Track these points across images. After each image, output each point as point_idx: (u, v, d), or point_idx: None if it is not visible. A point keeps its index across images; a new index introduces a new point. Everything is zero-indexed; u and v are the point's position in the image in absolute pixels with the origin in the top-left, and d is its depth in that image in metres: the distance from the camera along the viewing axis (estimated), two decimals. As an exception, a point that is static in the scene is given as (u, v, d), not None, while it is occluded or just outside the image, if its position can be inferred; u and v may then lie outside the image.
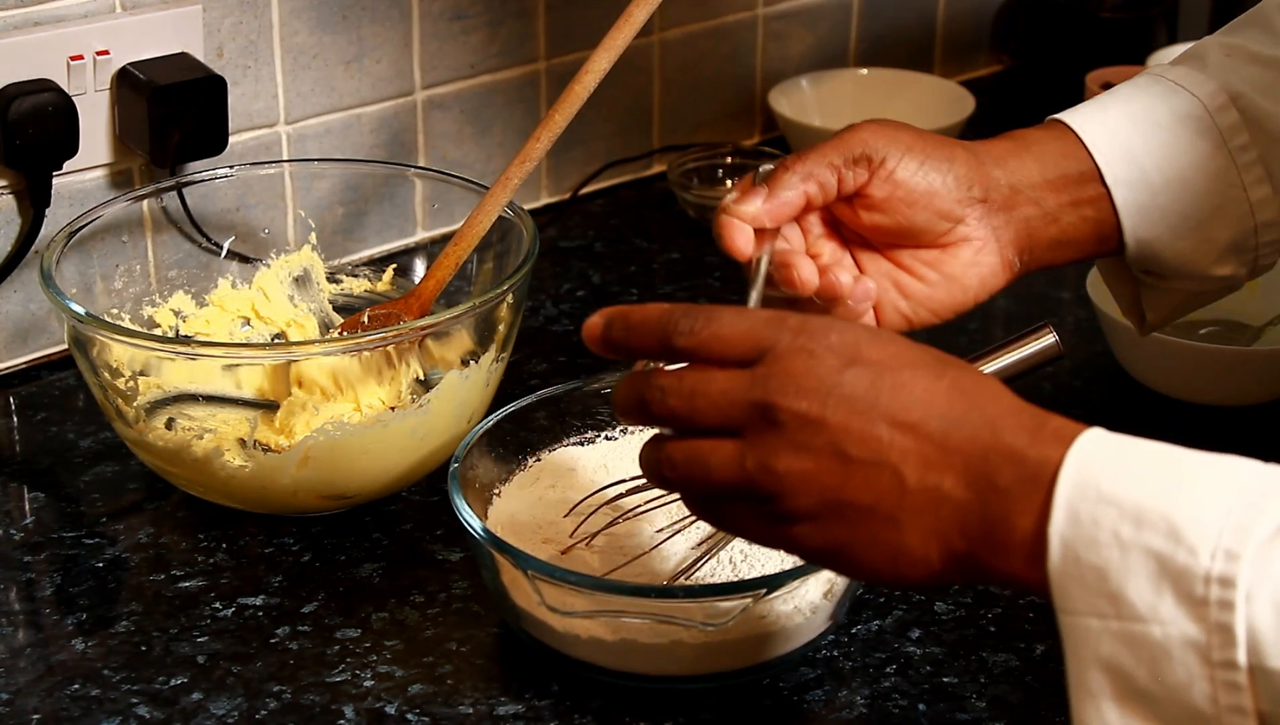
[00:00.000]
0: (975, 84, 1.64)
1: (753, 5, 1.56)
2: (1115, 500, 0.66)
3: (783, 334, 0.73)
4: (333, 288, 1.22)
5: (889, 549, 0.72)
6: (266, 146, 1.30)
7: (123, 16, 1.18)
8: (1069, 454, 0.68)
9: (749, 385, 0.73)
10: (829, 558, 0.74)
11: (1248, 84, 0.96)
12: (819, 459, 0.71)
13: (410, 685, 0.92)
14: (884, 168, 0.91)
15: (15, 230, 1.19)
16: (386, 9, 1.33)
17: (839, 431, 0.71)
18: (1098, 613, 0.66)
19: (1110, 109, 0.96)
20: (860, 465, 0.71)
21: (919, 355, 0.73)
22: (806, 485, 0.72)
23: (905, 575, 0.72)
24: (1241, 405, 1.17)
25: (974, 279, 0.94)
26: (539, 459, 1.04)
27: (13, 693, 0.91)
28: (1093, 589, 0.66)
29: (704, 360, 0.75)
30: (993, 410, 0.71)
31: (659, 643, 0.89)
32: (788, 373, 0.72)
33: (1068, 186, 0.95)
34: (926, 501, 0.71)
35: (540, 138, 1.05)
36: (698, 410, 0.74)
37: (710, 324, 0.75)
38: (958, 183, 0.92)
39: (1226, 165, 0.95)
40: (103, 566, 1.02)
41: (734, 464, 0.73)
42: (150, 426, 1.04)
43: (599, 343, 0.79)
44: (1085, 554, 0.66)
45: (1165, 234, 0.95)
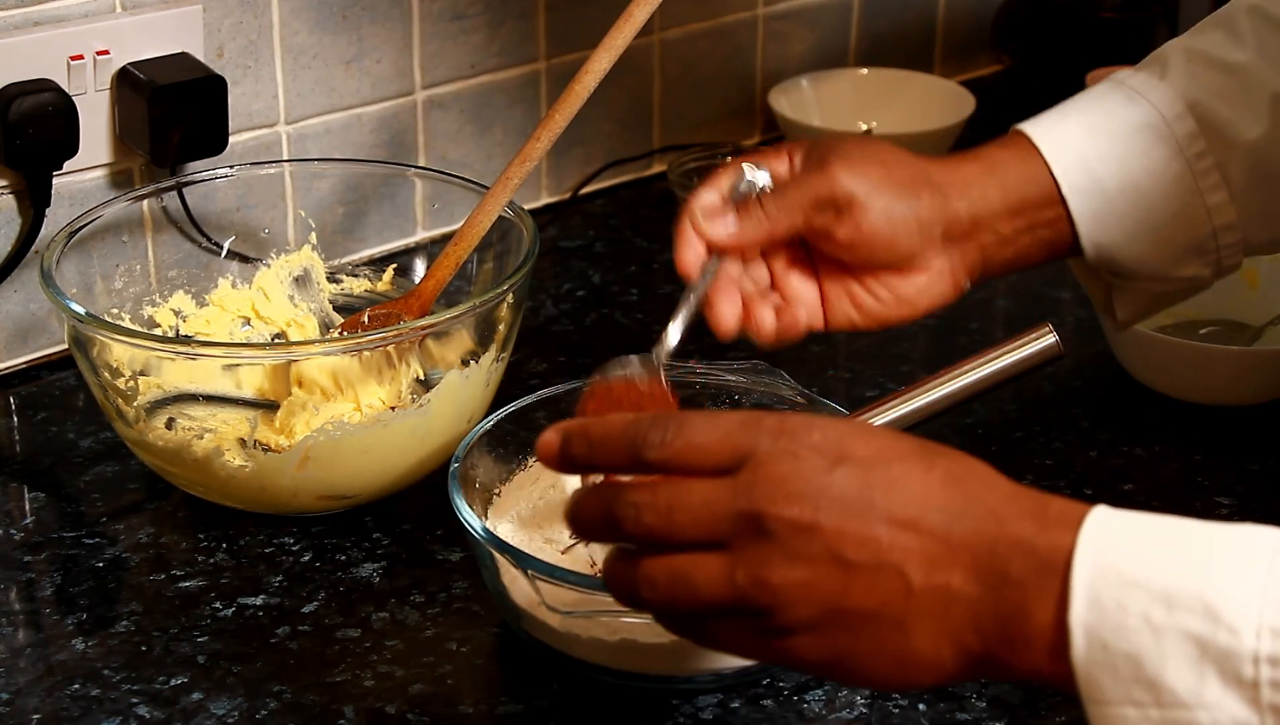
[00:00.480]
0: (975, 84, 1.64)
1: (753, 5, 1.56)
2: (1140, 582, 0.64)
3: (762, 438, 0.70)
4: (333, 288, 1.22)
5: (896, 654, 0.69)
6: (266, 146, 1.30)
7: (123, 16, 1.18)
8: (1080, 537, 0.66)
9: (732, 494, 0.69)
10: (830, 668, 0.70)
11: (1206, 90, 0.98)
12: (815, 567, 0.68)
13: (410, 685, 0.92)
14: (850, 216, 0.93)
15: (15, 230, 1.19)
16: (386, 9, 1.33)
17: (835, 536, 0.68)
18: (1134, 702, 0.64)
19: (1069, 118, 0.99)
20: (861, 569, 0.68)
21: (905, 446, 0.70)
22: (804, 595, 0.68)
23: (915, 679, 0.69)
24: (1241, 405, 1.17)
25: (924, 301, 0.97)
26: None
27: (13, 693, 0.91)
28: (1126, 677, 0.64)
29: (679, 471, 0.71)
30: (991, 498, 0.69)
31: (659, 643, 0.89)
32: (773, 478, 0.68)
33: (1026, 211, 0.97)
34: (935, 602, 0.68)
35: (540, 138, 1.05)
36: (677, 525, 0.69)
37: (682, 433, 0.70)
38: (920, 227, 0.94)
39: (1182, 172, 0.97)
40: (103, 566, 1.02)
41: (723, 580, 0.69)
42: (150, 426, 1.04)
43: (556, 460, 0.74)
44: (1114, 641, 0.64)
45: (1121, 239, 0.98)
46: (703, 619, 0.72)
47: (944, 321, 1.28)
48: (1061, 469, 1.11)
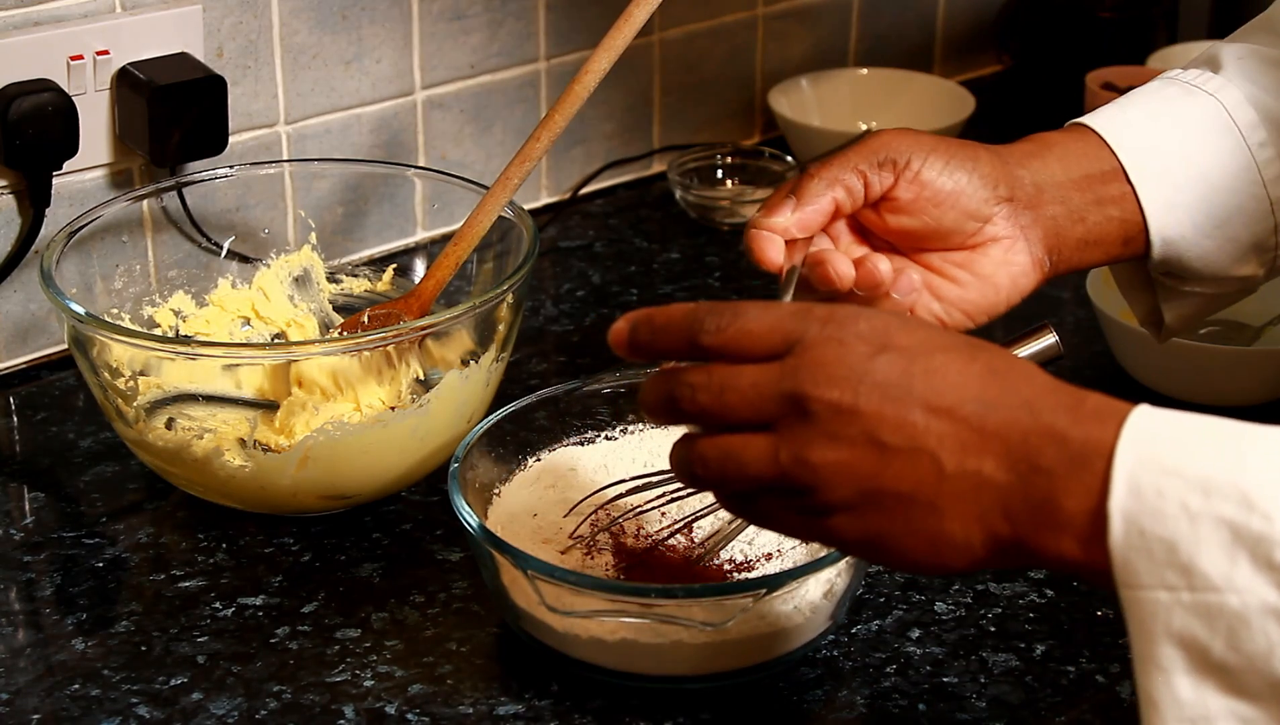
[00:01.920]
0: (975, 84, 1.64)
1: (753, 5, 1.56)
2: (1179, 472, 0.65)
3: (810, 324, 0.72)
4: (333, 288, 1.22)
5: (929, 537, 0.71)
6: (266, 146, 1.30)
7: (123, 16, 1.18)
8: (1124, 430, 0.67)
9: (779, 377, 0.72)
10: (868, 548, 0.73)
11: (1262, 85, 0.96)
12: (854, 448, 0.70)
13: (410, 685, 0.92)
14: (909, 170, 0.91)
15: (15, 230, 1.19)
16: (386, 9, 1.33)
17: (873, 419, 0.70)
18: (1167, 585, 0.65)
19: (1129, 109, 0.97)
20: (896, 453, 0.70)
21: (950, 340, 0.73)
22: (842, 476, 0.71)
23: (947, 562, 0.71)
24: (1241, 405, 1.17)
25: (1005, 278, 0.94)
26: (539, 459, 1.04)
27: (13, 693, 0.91)
28: (1161, 562, 0.65)
29: (732, 357, 0.74)
30: (1028, 391, 0.70)
31: (659, 643, 0.89)
32: (818, 362, 0.71)
33: (1092, 185, 0.94)
34: (967, 487, 0.70)
35: (540, 138, 1.05)
36: (728, 405, 0.73)
37: (737, 320, 0.74)
38: (983, 181, 0.92)
39: (1247, 163, 0.95)
40: (103, 566, 1.02)
41: (768, 458, 0.72)
42: (150, 426, 1.04)
43: (625, 346, 0.78)
44: (1151, 527, 0.65)
45: (1190, 232, 0.95)
46: (753, 496, 0.75)
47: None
48: (1061, 469, 1.11)
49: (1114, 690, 0.92)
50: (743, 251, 0.86)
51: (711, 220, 1.46)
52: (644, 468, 1.03)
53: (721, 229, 1.45)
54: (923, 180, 0.91)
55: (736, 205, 1.46)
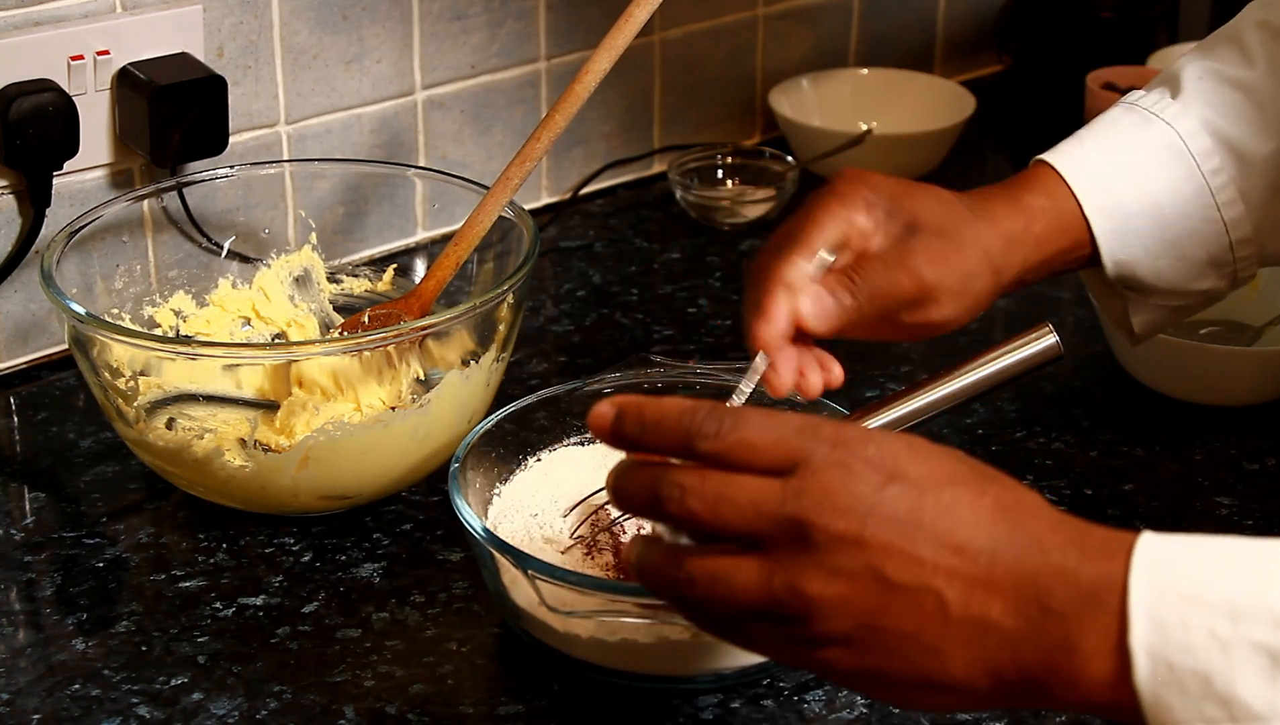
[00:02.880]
0: (975, 84, 1.64)
1: (753, 5, 1.56)
2: (1201, 598, 0.63)
3: (818, 446, 0.69)
4: (333, 288, 1.22)
5: (929, 678, 0.68)
6: (267, 146, 1.30)
7: (123, 16, 1.18)
8: (1134, 561, 0.65)
9: (780, 499, 0.68)
10: (863, 683, 0.70)
11: (1219, 108, 0.99)
12: (855, 583, 0.67)
13: (411, 685, 0.92)
14: (923, 308, 0.93)
15: (16, 230, 1.19)
16: (386, 9, 1.33)
17: (880, 553, 0.67)
18: (1206, 719, 0.63)
19: (1088, 143, 1.01)
20: (901, 590, 0.67)
21: (959, 469, 0.70)
22: (841, 609, 0.67)
23: (947, 703, 0.69)
24: (1241, 405, 1.17)
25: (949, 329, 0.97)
26: (539, 459, 1.04)
27: (13, 693, 0.91)
28: (1196, 695, 0.63)
29: (729, 466, 0.70)
30: (1036, 528, 0.68)
31: (659, 643, 0.89)
32: (824, 488, 0.68)
33: (1058, 258, 0.99)
34: (972, 631, 0.67)
35: (540, 138, 1.05)
36: (721, 517, 0.69)
37: (738, 429, 0.70)
38: (976, 305, 0.95)
39: (1200, 188, 0.99)
40: (103, 566, 1.02)
41: (760, 584, 0.69)
42: (150, 426, 1.04)
43: (608, 434, 0.73)
44: (1180, 660, 0.63)
45: (1141, 255, 1.00)
46: (739, 621, 0.71)
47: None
48: (1061, 469, 1.11)
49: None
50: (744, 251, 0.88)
51: (712, 220, 1.46)
52: (644, 468, 1.02)
53: (722, 229, 1.45)
54: (930, 317, 0.94)
55: (737, 205, 1.46)
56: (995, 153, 1.63)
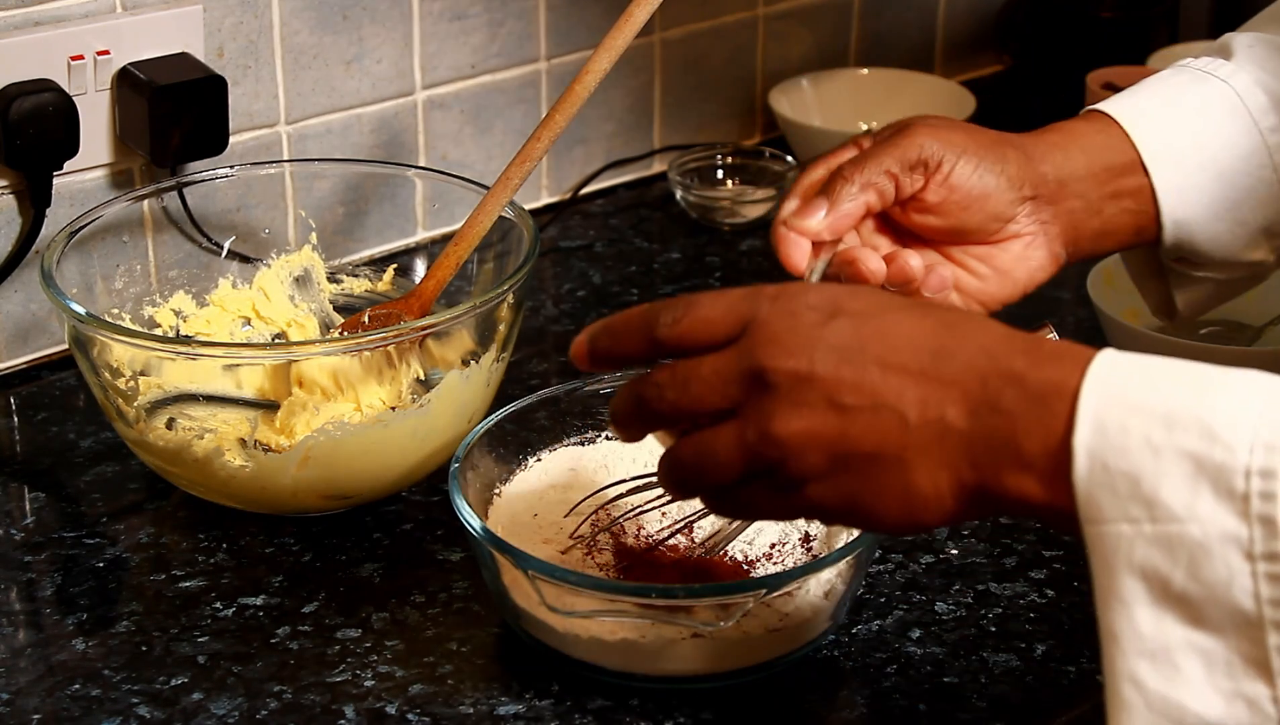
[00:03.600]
0: (975, 84, 1.64)
1: (753, 5, 1.56)
2: (1143, 408, 0.65)
3: (760, 302, 0.73)
4: (333, 288, 1.22)
5: (900, 492, 0.71)
6: (267, 146, 1.30)
7: (123, 16, 1.18)
8: (1090, 369, 0.67)
9: (736, 358, 0.73)
10: (845, 513, 0.73)
11: (1272, 71, 0.98)
12: (815, 414, 0.71)
13: (411, 685, 0.92)
14: (940, 172, 0.92)
15: (16, 230, 1.19)
16: (386, 9, 1.33)
17: (830, 383, 0.71)
18: (1130, 518, 0.65)
19: (1143, 96, 0.99)
20: (858, 412, 0.70)
21: (900, 301, 0.74)
22: (808, 443, 0.71)
23: (920, 518, 0.71)
24: (1242, 405, 1.17)
25: (1023, 272, 0.96)
26: (539, 459, 1.04)
27: (13, 693, 0.91)
28: (1124, 495, 0.65)
29: (691, 348, 0.74)
30: (984, 338, 0.71)
31: (659, 643, 0.89)
32: (771, 336, 0.72)
33: (1111, 178, 0.96)
34: (930, 437, 0.70)
35: (540, 138, 1.05)
36: (694, 395, 0.74)
37: (691, 310, 0.75)
38: (1010, 184, 0.93)
39: (1258, 146, 0.97)
40: (103, 566, 1.02)
41: (737, 442, 0.73)
42: (151, 426, 1.04)
43: (585, 358, 0.78)
44: (1114, 462, 0.65)
45: (1202, 214, 0.97)
46: (733, 488, 0.74)
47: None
48: (1061, 469, 1.11)
49: (1114, 690, 0.92)
50: (744, 251, 0.87)
51: (712, 220, 1.46)
52: (644, 468, 1.02)
53: (722, 229, 1.45)
54: (952, 184, 0.92)
55: (737, 205, 1.46)
56: (995, 153, 1.63)
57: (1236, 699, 0.64)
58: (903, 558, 1.02)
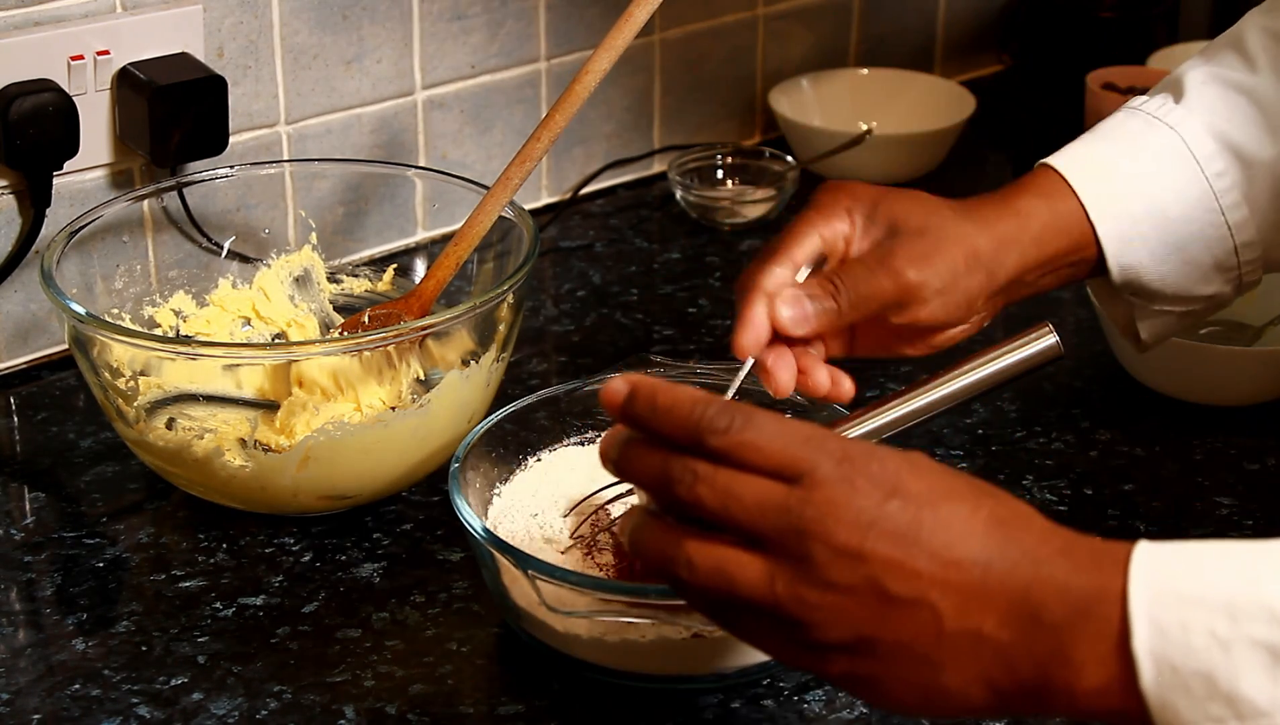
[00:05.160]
0: (975, 84, 1.64)
1: (753, 5, 1.56)
2: (1200, 600, 0.64)
3: (823, 459, 0.70)
4: (333, 288, 1.22)
5: (924, 687, 0.69)
6: (267, 146, 1.30)
7: (123, 16, 1.18)
8: (1133, 569, 0.66)
9: (786, 507, 0.70)
10: (859, 688, 0.71)
11: (1223, 113, 1.00)
12: (854, 595, 0.69)
13: (411, 685, 0.92)
14: (911, 308, 0.94)
15: (16, 230, 1.19)
16: (386, 9, 1.33)
17: (879, 566, 0.68)
18: (1213, 718, 0.63)
19: (1091, 146, 1.01)
20: (898, 603, 0.68)
21: (956, 485, 0.71)
22: (840, 619, 0.69)
23: (942, 711, 0.70)
24: (1241, 405, 1.17)
25: (949, 343, 0.98)
26: (539, 459, 1.04)
27: (13, 693, 0.91)
28: (1201, 696, 0.63)
29: (734, 464, 0.71)
30: (1028, 540, 0.69)
31: (659, 642, 0.89)
32: (829, 502, 0.69)
33: (1057, 260, 0.99)
34: (966, 645, 0.68)
35: (540, 138, 1.05)
36: (729, 510, 0.70)
37: (748, 429, 0.71)
38: (969, 305, 0.96)
39: (1204, 192, 0.99)
40: (103, 566, 1.02)
41: (763, 585, 0.70)
42: (151, 426, 1.04)
43: (619, 412, 0.74)
44: (1183, 662, 0.64)
45: (1147, 260, 1.00)
46: (736, 611, 0.72)
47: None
48: (1061, 469, 1.11)
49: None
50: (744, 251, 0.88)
51: (712, 220, 1.46)
52: (644, 468, 1.02)
53: (722, 229, 1.45)
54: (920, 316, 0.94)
55: (737, 205, 1.46)
56: (995, 153, 1.63)
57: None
58: (903, 558, 1.02)
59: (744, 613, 0.72)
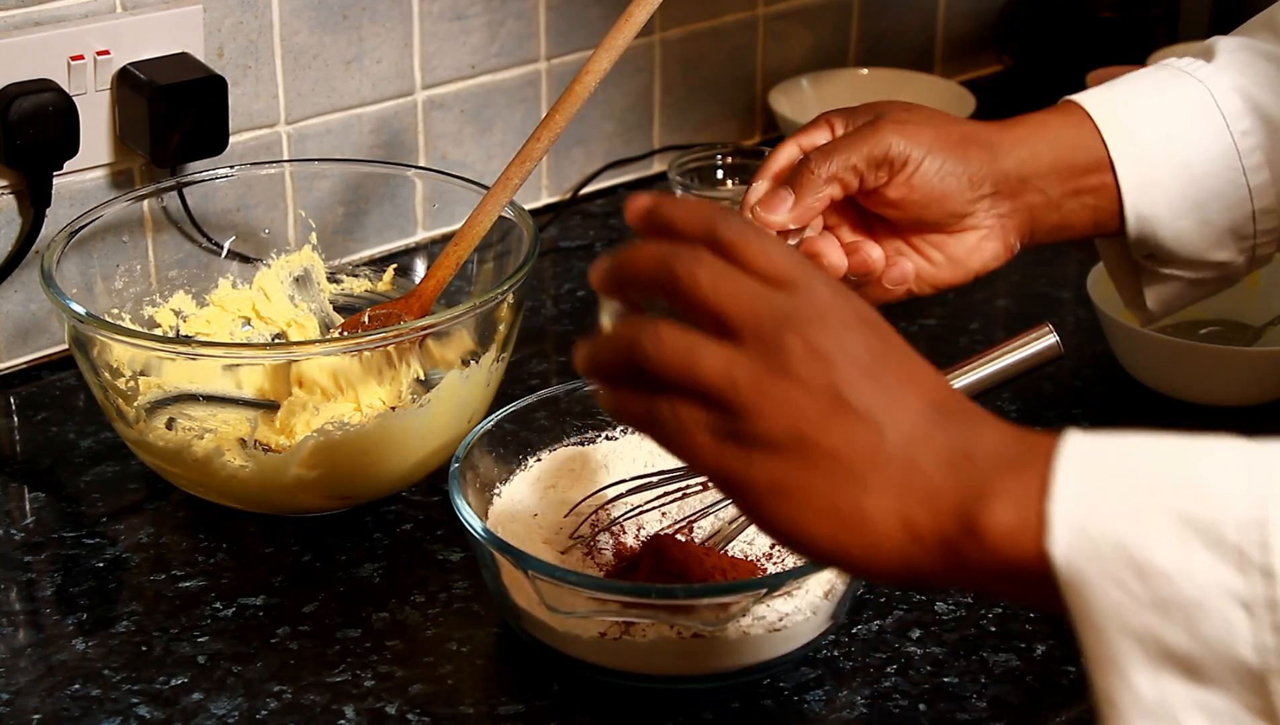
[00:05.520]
0: (976, 84, 1.64)
1: (753, 5, 1.56)
2: (1124, 474, 0.64)
3: (820, 279, 0.71)
4: (333, 288, 1.22)
5: (840, 511, 0.68)
6: (267, 146, 1.30)
7: (123, 16, 1.18)
8: (1066, 442, 0.66)
9: (775, 302, 0.70)
10: (776, 501, 0.68)
11: (1253, 77, 0.98)
12: (811, 394, 0.68)
13: (411, 685, 0.92)
14: (904, 171, 0.93)
15: (16, 230, 1.19)
16: (386, 9, 1.33)
17: (845, 374, 0.68)
18: (1118, 583, 0.63)
19: (1119, 89, 1.00)
20: (849, 413, 0.68)
21: None
22: (786, 412, 0.68)
23: (847, 542, 0.68)
24: (1241, 405, 1.17)
25: (976, 261, 0.97)
26: (539, 459, 1.04)
27: (13, 693, 0.91)
28: (1110, 560, 0.63)
29: (738, 259, 0.71)
30: (978, 412, 0.70)
31: (659, 642, 0.89)
32: (816, 306, 0.70)
33: (1074, 175, 0.97)
34: (898, 471, 0.67)
35: (540, 138, 1.05)
36: (719, 294, 0.70)
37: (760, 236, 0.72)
38: (971, 183, 0.95)
39: (1228, 148, 0.97)
40: (103, 566, 1.02)
41: (724, 366, 0.69)
42: (151, 426, 1.04)
43: (643, 216, 0.73)
44: (1097, 527, 0.64)
45: (1166, 211, 0.98)
46: (676, 403, 0.70)
47: (944, 322, 1.28)
48: (1061, 469, 1.11)
49: (1114, 690, 0.92)
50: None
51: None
52: (644, 468, 1.03)
53: (722, 229, 1.45)
54: (914, 183, 0.94)
55: (737, 205, 1.45)
56: (995, 153, 1.63)
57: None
58: (903, 558, 1.02)
59: (684, 402, 0.70)
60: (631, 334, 0.71)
